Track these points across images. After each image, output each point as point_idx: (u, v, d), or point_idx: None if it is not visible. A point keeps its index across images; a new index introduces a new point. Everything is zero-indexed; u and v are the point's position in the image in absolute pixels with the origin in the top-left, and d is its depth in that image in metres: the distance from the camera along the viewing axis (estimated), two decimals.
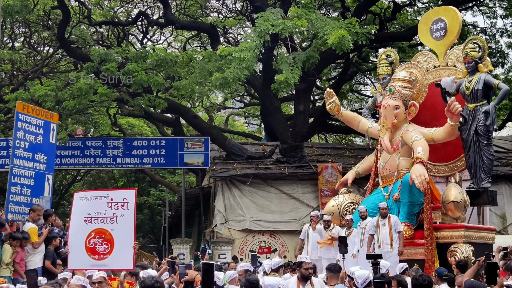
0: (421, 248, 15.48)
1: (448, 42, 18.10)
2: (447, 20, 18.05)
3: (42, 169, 16.20)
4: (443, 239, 15.71)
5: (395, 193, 16.16)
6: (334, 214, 17.51)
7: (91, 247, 11.22)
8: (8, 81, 37.54)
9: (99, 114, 37.57)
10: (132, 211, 11.15)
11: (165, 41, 40.70)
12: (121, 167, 34.67)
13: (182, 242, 30.74)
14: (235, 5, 36.80)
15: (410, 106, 16.61)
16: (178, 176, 44.84)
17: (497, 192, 28.00)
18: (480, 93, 16.54)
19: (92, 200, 11.46)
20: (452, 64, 17.84)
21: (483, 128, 16.56)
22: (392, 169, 16.70)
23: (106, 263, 11.07)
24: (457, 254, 15.16)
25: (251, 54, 21.97)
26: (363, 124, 18.00)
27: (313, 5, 23.73)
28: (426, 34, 18.54)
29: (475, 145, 16.62)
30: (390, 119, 16.56)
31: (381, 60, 18.97)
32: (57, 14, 33.56)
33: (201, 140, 30.91)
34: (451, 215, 15.93)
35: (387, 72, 18.27)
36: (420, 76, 17.22)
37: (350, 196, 17.95)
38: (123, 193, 11.57)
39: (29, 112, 16.04)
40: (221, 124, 47.59)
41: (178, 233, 37.63)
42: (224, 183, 28.25)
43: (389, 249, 15.15)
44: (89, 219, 11.34)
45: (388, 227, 15.30)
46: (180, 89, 25.01)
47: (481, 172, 16.64)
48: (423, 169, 15.08)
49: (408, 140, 16.27)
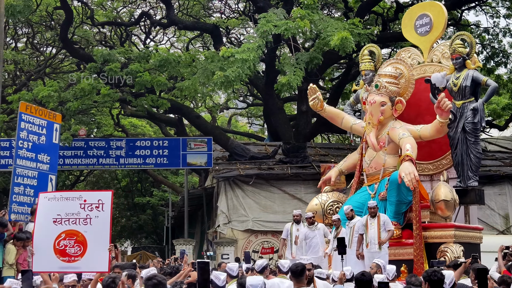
0: (409, 248, 14.97)
1: (433, 38, 17.61)
2: (432, 15, 17.53)
3: (45, 169, 16.21)
4: (432, 239, 15.30)
5: (382, 192, 15.67)
6: (317, 213, 17.07)
7: (61, 248, 10.85)
8: (11, 82, 37.58)
9: (102, 114, 37.60)
10: (108, 213, 10.90)
11: (168, 41, 40.75)
12: (124, 167, 34.69)
13: (185, 242, 30.79)
14: (238, 6, 36.79)
15: (396, 102, 16.12)
16: (181, 176, 44.88)
17: (500, 192, 28.56)
18: (468, 90, 16.12)
19: (62, 201, 11.11)
20: (437, 60, 17.36)
21: (471, 126, 16.12)
22: (378, 167, 16.22)
23: (78, 266, 10.76)
24: (447, 254, 14.77)
25: (254, 55, 21.97)
26: (346, 121, 17.37)
27: (316, 5, 23.71)
28: (410, 29, 18.03)
29: (462, 143, 16.18)
30: (376, 115, 16.08)
31: (364, 55, 18.33)
32: (60, 14, 33.60)
33: (204, 141, 30.93)
34: (440, 214, 15.50)
35: (369, 68, 17.85)
36: (407, 72, 16.60)
37: (333, 195, 17.42)
38: (98, 195, 11.31)
39: (32, 113, 16.07)
40: (224, 124, 47.60)
41: (181, 233, 37.70)
42: (227, 184, 28.25)
43: (377, 249, 14.71)
44: (59, 220, 10.97)
45: (377, 227, 14.81)
46: (183, 90, 25.03)
47: (468, 170, 16.19)
48: (412, 167, 14.60)
49: (395, 137, 15.79)
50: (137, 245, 56.93)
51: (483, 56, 32.33)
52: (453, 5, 29.71)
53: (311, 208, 17.27)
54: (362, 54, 18.37)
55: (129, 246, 62.61)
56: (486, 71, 31.79)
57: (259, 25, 22.76)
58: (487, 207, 27.79)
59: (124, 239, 61.38)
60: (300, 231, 17.30)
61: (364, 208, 15.67)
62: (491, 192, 28.14)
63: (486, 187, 27.96)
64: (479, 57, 32.35)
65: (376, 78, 16.50)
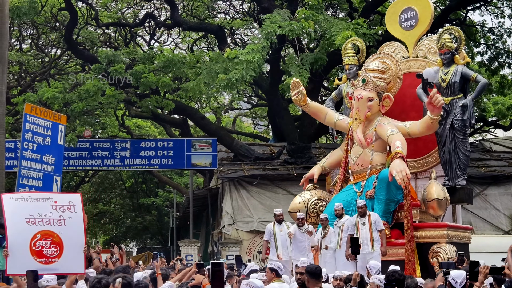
0: (398, 248, 14.58)
1: (418, 33, 17.07)
2: (418, 9, 17.01)
3: (50, 170, 16.24)
4: (424, 239, 14.82)
5: (369, 190, 15.18)
6: (300, 211, 16.21)
7: (37, 250, 10.48)
8: (16, 83, 37.64)
9: (107, 115, 37.64)
10: (80, 214, 10.78)
11: (173, 42, 40.78)
12: (128, 168, 34.70)
13: (190, 243, 30.80)
14: (242, 6, 36.81)
15: (384, 98, 15.53)
16: (186, 177, 44.88)
17: (505, 192, 28.51)
18: (457, 86, 15.68)
19: (32, 201, 10.77)
20: (423, 56, 16.91)
21: (460, 123, 15.72)
22: (365, 165, 15.66)
23: (56, 267, 10.56)
24: (440, 255, 14.36)
25: (258, 56, 21.98)
26: (330, 116, 16.72)
27: (320, 6, 23.71)
28: (394, 23, 17.46)
29: (450, 140, 15.78)
30: (363, 111, 15.42)
31: (347, 49, 17.80)
32: (64, 16, 33.64)
33: (209, 141, 30.94)
34: (432, 214, 15.08)
35: (353, 62, 17.35)
36: (394, 67, 16.01)
37: (316, 193, 16.78)
38: (67, 196, 11.19)
39: (37, 114, 16.10)
40: (229, 125, 47.59)
41: (186, 234, 37.70)
42: (231, 184, 28.24)
43: (370, 249, 14.14)
44: (33, 220, 10.62)
45: (368, 226, 14.26)
46: (188, 91, 25.05)
47: (456, 168, 15.79)
48: (403, 165, 14.12)
49: (383, 134, 15.26)
50: (142, 246, 56.98)
51: (488, 56, 32.28)
52: (458, 5, 29.68)
53: (294, 207, 16.62)
54: (346, 48, 17.88)
55: (134, 247, 62.69)
56: (491, 71, 31.75)
57: (263, 26, 22.77)
58: (492, 207, 27.79)
59: (129, 240, 61.46)
60: (283, 231, 16.19)
61: (351, 207, 15.30)
62: (496, 192, 28.11)
63: (491, 188, 28.09)
64: (483, 57, 32.45)
65: (363, 72, 15.95)
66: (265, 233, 16.69)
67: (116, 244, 17.97)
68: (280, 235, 16.14)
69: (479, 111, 34.36)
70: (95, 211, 53.43)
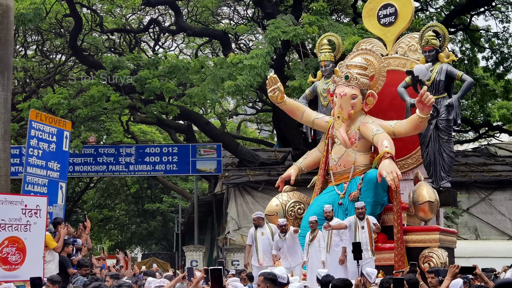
0: (385, 253, 13.86)
1: (398, 29, 16.29)
2: (398, 5, 16.24)
3: (56, 177, 16.24)
4: (413, 243, 14.05)
5: (353, 192, 14.32)
6: (278, 214, 15.28)
7: (3, 256, 10.51)
8: (21, 89, 37.69)
9: (112, 121, 37.67)
10: (44, 219, 10.73)
11: (177, 48, 40.79)
12: (133, 174, 34.75)
13: (195, 249, 30.82)
14: (247, 12, 36.83)
15: (367, 96, 14.71)
16: (191, 182, 44.89)
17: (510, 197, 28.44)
18: (442, 85, 14.99)
19: (6, 204, 10.80)
20: (402, 53, 16.16)
21: (445, 123, 14.96)
22: (348, 165, 14.78)
23: (18, 274, 10.43)
24: (433, 260, 13.54)
25: (262, 61, 21.99)
26: (308, 115, 15.72)
27: (325, 11, 23.72)
28: (372, 19, 16.68)
29: (435, 141, 15.02)
30: (347, 109, 14.54)
31: (323, 45, 16.81)
32: (69, 22, 33.70)
33: (214, 147, 30.98)
34: (422, 217, 14.14)
35: (329, 59, 16.45)
36: (377, 64, 15.21)
37: (294, 195, 15.82)
38: (36, 200, 11.18)
39: (42, 120, 16.11)
40: (233, 130, 47.60)
41: (191, 240, 37.69)
42: (236, 190, 28.24)
43: (370, 255, 13.37)
44: (3, 226, 10.69)
45: (368, 230, 13.45)
46: (193, 96, 25.07)
47: (441, 170, 15.03)
48: (394, 165, 13.39)
49: (368, 133, 14.46)
50: (147, 252, 57.04)
51: (493, 61, 32.23)
52: (462, 10, 29.67)
53: (271, 209, 15.58)
54: (321, 44, 16.93)
55: (139, 252, 62.77)
56: (496, 76, 31.71)
57: (267, 31, 22.78)
58: (497, 212, 27.76)
59: (134, 246, 61.53)
60: (265, 235, 15.28)
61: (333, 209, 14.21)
62: (502, 197, 28.08)
63: (496, 192, 28.05)
64: (488, 62, 32.39)
65: (344, 69, 15.02)
66: (248, 237, 15.85)
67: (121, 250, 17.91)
68: (261, 239, 15.27)
69: (483, 116, 34.36)
70: (100, 216, 53.52)
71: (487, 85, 31.69)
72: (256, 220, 15.44)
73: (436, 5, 32.88)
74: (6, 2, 16.63)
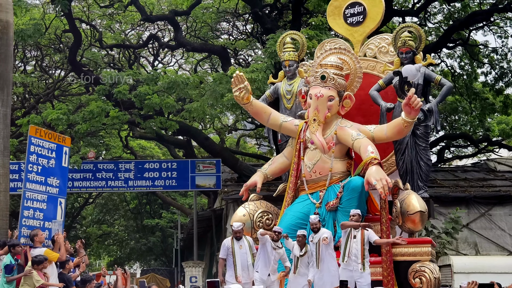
0: (371, 267, 12.57)
1: (367, 30, 15.62)
2: (366, 4, 15.52)
3: (55, 192, 16.20)
4: (402, 256, 12.96)
5: (331, 201, 13.33)
6: (245, 225, 14.07)
7: None
8: (20, 105, 37.69)
9: (111, 136, 37.66)
10: None
11: (176, 63, 40.86)
12: (132, 189, 34.74)
13: (195, 264, 30.74)
14: (246, 27, 36.88)
15: (344, 98, 13.73)
16: (190, 198, 44.85)
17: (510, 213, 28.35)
18: (420, 89, 14.12)
19: None
20: (372, 55, 15.40)
21: (423, 129, 14.31)
22: (324, 172, 13.70)
23: None
24: (426, 275, 12.57)
25: (262, 75, 22.00)
26: (274, 118, 14.49)
27: (324, 26, 23.75)
28: (338, 18, 15.87)
29: (411, 149, 14.30)
30: (323, 111, 13.51)
31: (286, 43, 15.83)
32: (68, 37, 33.76)
33: (213, 162, 30.98)
34: (411, 228, 13.10)
35: (294, 58, 15.56)
36: (353, 64, 14.27)
37: (261, 204, 14.75)
38: None
39: (41, 136, 16.09)
40: (233, 146, 47.54)
41: (190, 255, 37.63)
42: (236, 205, 28.08)
43: (360, 269, 12.32)
44: None
45: (361, 241, 12.39)
46: (192, 112, 25.05)
47: (418, 179, 14.30)
48: (382, 172, 12.50)
49: (347, 138, 13.49)
50: (146, 267, 56.89)
51: (492, 76, 32.29)
52: (461, 25, 29.72)
53: (238, 219, 14.29)
54: (284, 42, 15.97)
55: (138, 268, 62.61)
56: (495, 91, 31.74)
57: (267, 45, 22.81)
58: (497, 227, 27.66)
59: (133, 262, 61.38)
60: (243, 248, 13.62)
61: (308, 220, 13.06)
62: (502, 212, 27.99)
63: (496, 208, 27.97)
64: (487, 77, 32.43)
65: (318, 68, 14.01)
66: (221, 249, 14.03)
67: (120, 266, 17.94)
68: (240, 253, 13.58)
69: (483, 131, 34.34)
70: (99, 232, 53.49)
71: (486, 99, 31.73)
72: (239, 232, 13.76)
73: (434, 20, 32.96)
74: (6, 18, 16.67)
